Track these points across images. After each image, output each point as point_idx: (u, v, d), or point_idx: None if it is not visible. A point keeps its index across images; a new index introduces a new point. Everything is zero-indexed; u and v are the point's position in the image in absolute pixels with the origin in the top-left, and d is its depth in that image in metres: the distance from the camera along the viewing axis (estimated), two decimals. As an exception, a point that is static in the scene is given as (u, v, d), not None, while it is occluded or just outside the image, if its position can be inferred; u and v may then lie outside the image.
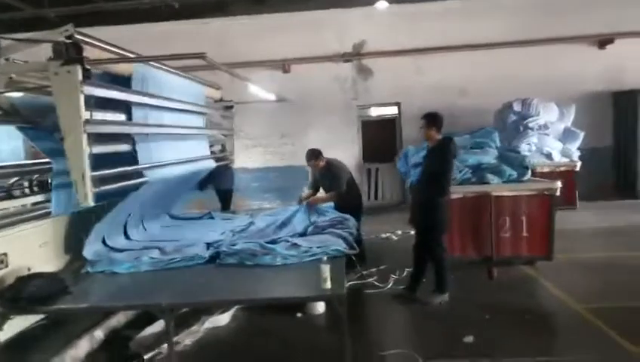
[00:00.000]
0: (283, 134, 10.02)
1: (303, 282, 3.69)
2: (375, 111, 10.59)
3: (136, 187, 4.63)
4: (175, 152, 5.37)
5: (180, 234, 5.43)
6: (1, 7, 9.10)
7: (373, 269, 5.61)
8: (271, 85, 9.37)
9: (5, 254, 3.92)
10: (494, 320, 4.12)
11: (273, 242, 4.59)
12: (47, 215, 4.48)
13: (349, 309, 4.55)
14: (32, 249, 4.24)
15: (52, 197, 4.50)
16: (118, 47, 3.95)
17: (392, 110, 10.31)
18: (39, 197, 4.55)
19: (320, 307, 4.53)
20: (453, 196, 4.77)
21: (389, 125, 10.33)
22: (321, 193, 5.85)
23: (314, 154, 5.67)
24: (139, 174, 4.54)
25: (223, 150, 7.69)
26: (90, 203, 3.49)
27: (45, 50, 3.45)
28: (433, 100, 9.49)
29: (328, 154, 9.67)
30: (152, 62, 4.57)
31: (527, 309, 4.32)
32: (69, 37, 3.40)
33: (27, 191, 4.49)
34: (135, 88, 4.43)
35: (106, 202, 4.63)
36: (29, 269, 4.04)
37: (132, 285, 4.14)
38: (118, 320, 4.33)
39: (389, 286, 5.08)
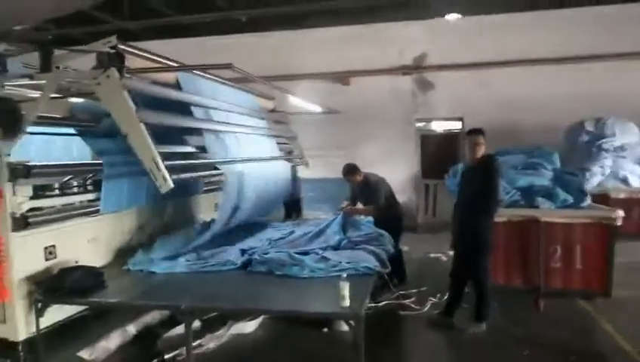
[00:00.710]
0: (338, 146, 9.99)
1: (326, 297, 3.59)
2: (437, 126, 10.28)
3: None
4: (248, 152, 5.46)
5: (222, 239, 5.56)
6: (89, 20, 9.97)
7: (414, 290, 5.38)
8: (329, 97, 9.42)
9: (54, 246, 4.23)
10: (533, 357, 3.78)
11: (304, 253, 4.57)
12: (97, 212, 4.79)
13: (377, 329, 4.45)
14: (81, 243, 4.54)
15: (101, 195, 4.80)
16: (164, 58, 4.14)
17: (455, 125, 9.94)
18: (91, 196, 4.85)
19: (345, 324, 4.40)
20: (498, 219, 4.46)
21: (450, 140, 9.97)
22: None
23: (350, 169, 5.59)
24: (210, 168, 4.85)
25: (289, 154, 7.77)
26: (170, 185, 3.62)
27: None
28: (497, 115, 9.09)
29: (384, 167, 9.59)
30: (197, 72, 4.73)
31: (573, 349, 3.89)
32: (113, 47, 3.64)
33: (81, 189, 4.80)
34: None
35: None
36: (76, 262, 4.33)
37: (163, 285, 4.28)
38: (153, 317, 4.50)
39: (425, 308, 4.84)
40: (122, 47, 3.71)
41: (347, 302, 3.44)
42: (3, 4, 5.98)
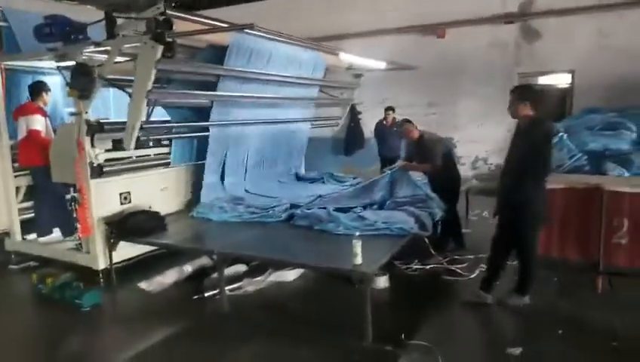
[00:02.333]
0: (430, 103, 9.56)
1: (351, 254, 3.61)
2: (543, 81, 9.17)
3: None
4: (259, 116, 6.07)
5: (283, 191, 5.88)
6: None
7: (471, 256, 5.11)
8: (421, 52, 9.00)
9: (129, 193, 4.90)
10: (566, 338, 3.40)
11: (345, 211, 4.65)
12: (168, 165, 5.39)
13: (411, 291, 4.40)
14: (154, 191, 5.19)
15: (171, 149, 5.37)
16: (213, 20, 4.35)
17: (565, 78, 8.78)
18: (165, 150, 5.45)
19: (382, 282, 4.42)
20: (555, 186, 3.98)
21: (559, 96, 8.86)
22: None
23: (403, 122, 5.40)
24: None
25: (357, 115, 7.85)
26: (132, 148, 4.31)
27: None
28: (620, 69, 7.86)
29: (482, 126, 9.01)
30: (249, 31, 4.83)
31: (621, 336, 3.40)
32: (162, 14, 3.95)
33: (154, 143, 5.40)
34: (229, 59, 4.92)
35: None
36: (149, 207, 4.98)
37: (213, 231, 4.76)
38: (208, 259, 5.00)
39: (472, 275, 4.61)
40: (170, 12, 4.01)
41: (359, 260, 3.49)
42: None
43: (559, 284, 4.24)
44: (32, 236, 5.36)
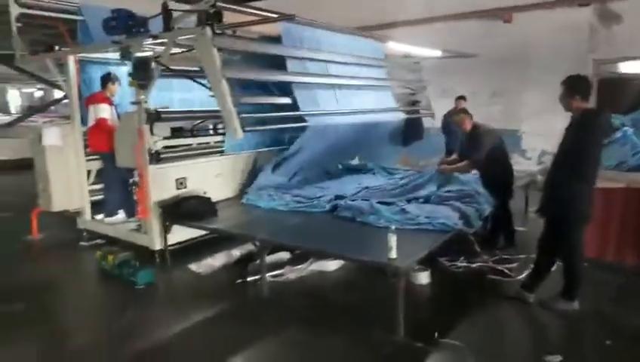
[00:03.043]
0: (494, 93, 9.12)
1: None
2: (624, 68, 8.43)
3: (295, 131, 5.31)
4: (345, 103, 5.74)
5: (329, 183, 5.91)
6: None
7: (522, 256, 4.88)
8: (484, 38, 8.60)
9: (184, 178, 5.17)
10: (614, 350, 3.19)
11: (387, 203, 4.62)
12: (222, 153, 5.60)
13: (453, 290, 4.30)
14: (208, 177, 5.43)
15: (225, 138, 5.58)
16: (265, 11, 4.43)
17: (647, 66, 8.03)
18: (219, 138, 5.67)
19: (424, 278, 4.37)
20: (613, 185, 3.70)
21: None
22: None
23: (459, 111, 5.19)
24: (300, 120, 5.13)
25: (414, 104, 7.69)
26: (241, 135, 4.19)
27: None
28: None
29: (550, 118, 8.44)
30: (299, 18, 4.86)
31: None
32: (213, 6, 4.10)
33: (210, 131, 5.64)
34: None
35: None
36: (204, 193, 5.24)
37: (259, 218, 4.91)
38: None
39: (519, 276, 4.41)
40: (220, 4, 4.15)
41: (394, 254, 3.47)
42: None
43: (614, 290, 3.96)
44: (100, 216, 5.82)
